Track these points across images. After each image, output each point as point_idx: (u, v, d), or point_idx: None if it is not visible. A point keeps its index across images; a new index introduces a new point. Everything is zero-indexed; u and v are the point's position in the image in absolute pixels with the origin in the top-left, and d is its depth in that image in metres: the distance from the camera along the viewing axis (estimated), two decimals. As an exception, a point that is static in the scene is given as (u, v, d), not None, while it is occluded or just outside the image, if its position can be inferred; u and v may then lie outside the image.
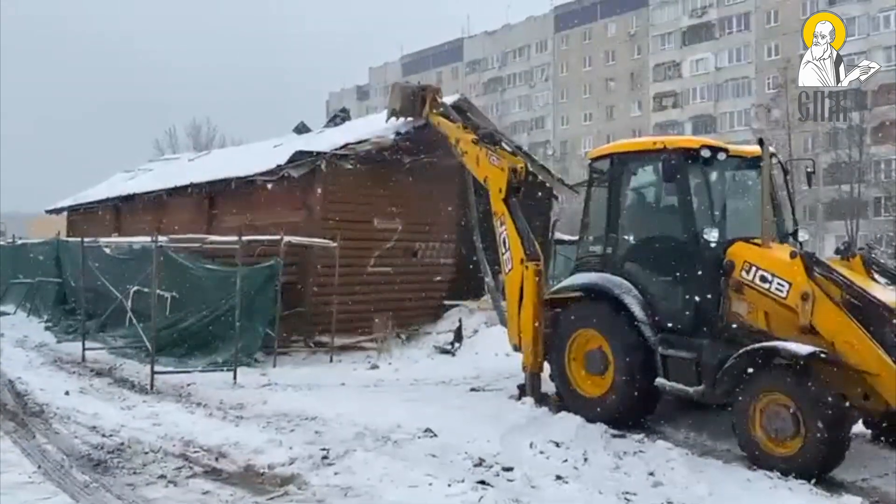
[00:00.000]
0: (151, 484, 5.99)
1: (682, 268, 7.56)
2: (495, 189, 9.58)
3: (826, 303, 6.46)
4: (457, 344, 12.66)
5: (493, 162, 9.80)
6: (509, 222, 9.30)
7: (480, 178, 10.12)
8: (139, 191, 17.97)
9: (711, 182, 7.74)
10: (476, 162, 10.20)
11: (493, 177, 9.68)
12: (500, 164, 9.63)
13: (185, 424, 7.85)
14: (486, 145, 10.23)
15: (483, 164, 9.99)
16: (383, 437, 7.24)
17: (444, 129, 11.39)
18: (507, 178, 9.40)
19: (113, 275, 13.33)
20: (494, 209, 9.63)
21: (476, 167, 10.24)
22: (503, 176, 9.47)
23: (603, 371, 7.95)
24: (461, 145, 10.73)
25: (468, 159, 10.50)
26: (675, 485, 5.96)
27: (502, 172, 9.49)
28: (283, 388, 9.97)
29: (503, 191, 9.43)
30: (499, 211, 9.51)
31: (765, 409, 6.37)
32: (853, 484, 6.10)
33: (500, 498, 5.49)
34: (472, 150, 10.34)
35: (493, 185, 9.66)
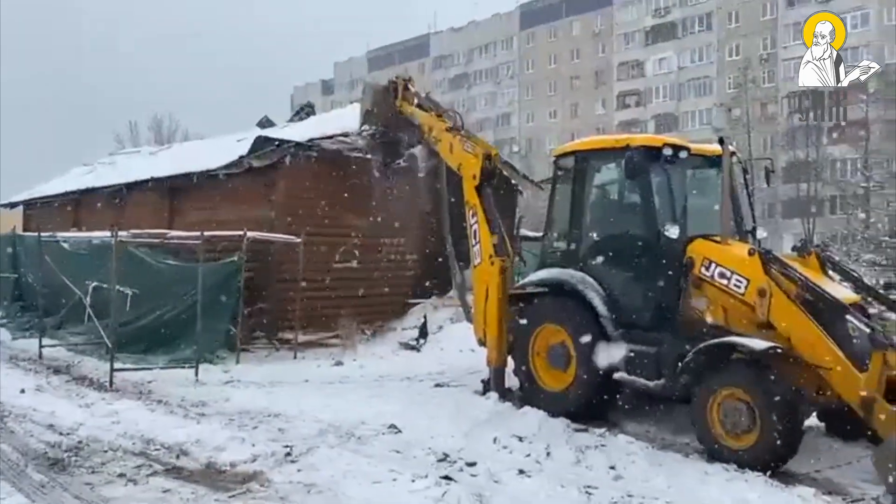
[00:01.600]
0: (110, 483, 5.90)
1: (643, 264, 7.69)
2: (469, 176, 9.47)
3: (782, 299, 6.61)
4: (422, 340, 12.68)
5: (466, 149, 9.67)
6: (481, 215, 9.25)
7: (454, 165, 9.98)
8: (99, 185, 17.63)
9: (673, 180, 7.85)
10: (450, 149, 10.05)
11: (467, 164, 9.56)
12: (473, 150, 9.53)
13: (146, 422, 7.73)
14: (459, 133, 10.11)
15: (457, 151, 9.85)
16: (347, 433, 7.23)
17: (417, 118, 11.28)
18: (480, 165, 9.31)
19: (71, 270, 13.04)
20: (467, 199, 9.54)
21: (449, 155, 10.09)
22: (477, 162, 9.36)
23: (565, 366, 8.04)
24: (434, 133, 10.55)
25: (442, 148, 10.35)
26: (635, 478, 6.06)
27: (476, 159, 9.39)
28: (246, 385, 9.90)
29: (477, 177, 9.33)
30: (471, 201, 9.43)
31: (722, 402, 6.50)
32: (806, 475, 6.25)
33: (463, 493, 5.52)
34: (445, 138, 10.19)
35: (466, 173, 9.54)
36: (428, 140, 10.91)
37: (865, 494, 5.81)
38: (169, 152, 20.41)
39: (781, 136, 48.69)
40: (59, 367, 11.20)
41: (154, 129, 57.14)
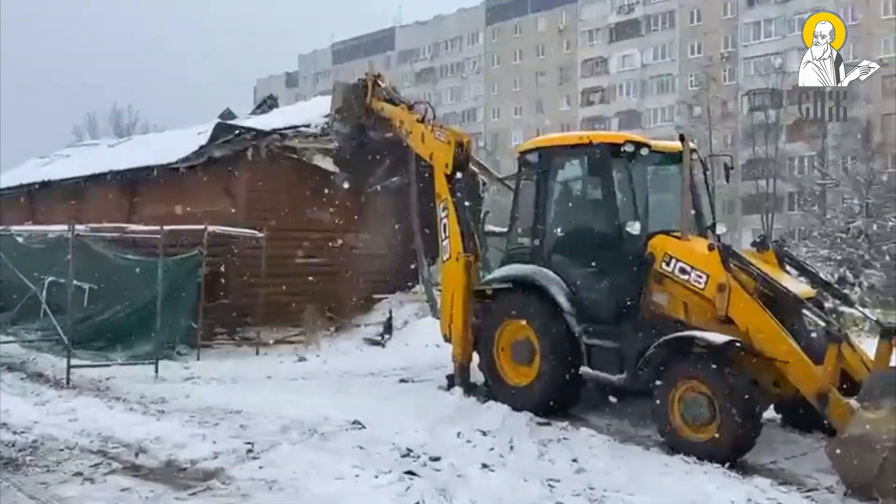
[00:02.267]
0: (66, 482, 5.78)
1: (605, 260, 7.77)
2: (441, 165, 9.37)
3: (741, 294, 6.73)
4: (387, 335, 12.64)
5: (438, 137, 9.57)
6: (451, 209, 9.18)
7: (426, 155, 9.87)
8: (55, 178, 17.26)
9: (634, 176, 7.93)
10: (421, 139, 9.92)
11: (439, 152, 9.45)
12: (445, 138, 9.45)
13: (104, 420, 7.60)
14: (431, 122, 10.03)
15: (428, 140, 9.74)
16: (310, 429, 7.18)
17: (388, 112, 11.20)
18: (452, 153, 9.22)
19: (26, 265, 12.73)
20: (438, 192, 9.46)
21: (421, 145, 9.97)
22: (449, 150, 9.27)
23: (529, 361, 8.08)
24: (406, 126, 10.43)
25: (413, 139, 10.21)
26: (597, 471, 6.12)
27: (448, 146, 9.30)
28: (207, 381, 9.79)
29: (449, 165, 9.24)
30: (443, 195, 9.35)
31: (683, 396, 6.60)
32: (763, 467, 6.38)
33: (426, 488, 5.51)
34: (416, 129, 10.07)
35: (438, 162, 9.44)
36: (399, 133, 10.81)
37: (820, 485, 5.94)
38: (128, 145, 20.04)
39: (741, 133, 49.55)
40: (14, 365, 10.93)
41: (113, 121, 56.21)
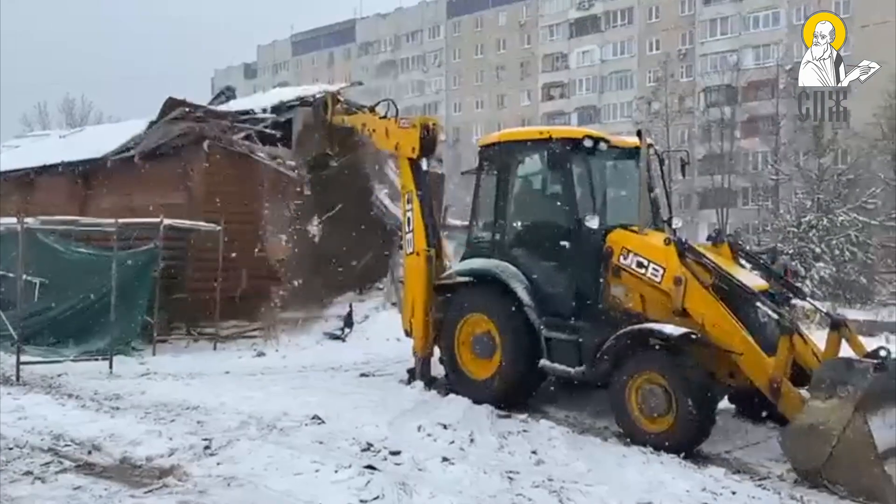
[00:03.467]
0: (16, 481, 5.61)
1: (564, 253, 7.82)
2: (407, 150, 9.23)
3: (697, 287, 6.85)
4: (347, 330, 12.57)
5: (402, 125, 9.48)
6: (416, 202, 9.13)
7: (391, 147, 9.77)
8: (3, 169, 16.71)
9: (593, 171, 8.02)
10: (385, 134, 9.80)
11: (404, 139, 9.32)
12: (410, 124, 9.37)
13: (55, 417, 7.43)
14: (394, 117, 9.92)
15: (392, 132, 9.61)
16: (269, 425, 7.10)
17: (350, 121, 11.16)
18: (418, 135, 9.11)
19: (-27, 259, 12.36)
20: (403, 183, 9.38)
21: (385, 139, 9.85)
22: (415, 133, 9.15)
23: (490, 354, 8.11)
24: (369, 125, 10.35)
25: (378, 137, 10.11)
26: (557, 462, 6.18)
27: (414, 130, 9.19)
28: (164, 377, 9.63)
29: (416, 150, 9.12)
30: (408, 186, 9.27)
31: (640, 387, 6.70)
32: (718, 456, 6.52)
33: (386, 482, 5.51)
34: (379, 126, 9.98)
35: (404, 149, 9.30)
36: (365, 137, 10.79)
37: (771, 473, 6.09)
38: (81, 135, 19.52)
39: (698, 129, 50.33)
40: (-40, 361, 10.61)
41: (65, 111, 54.59)
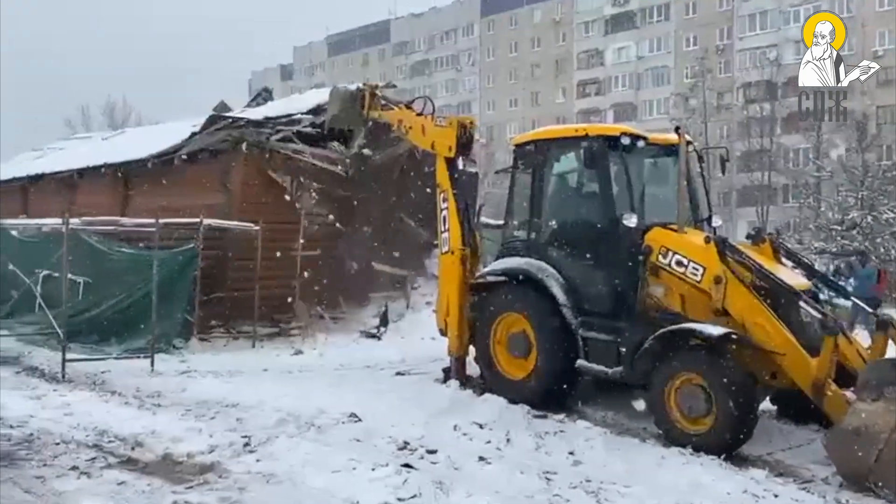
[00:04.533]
0: (63, 476, 5.75)
1: (602, 252, 7.76)
2: (444, 149, 9.24)
3: (737, 286, 6.74)
4: (383, 328, 12.64)
5: (439, 124, 9.50)
6: (451, 201, 9.13)
7: (428, 145, 9.74)
8: (49, 171, 17.17)
9: (630, 169, 7.94)
10: (422, 131, 9.79)
11: (441, 137, 9.33)
12: (447, 123, 9.39)
13: (100, 413, 7.58)
14: (430, 115, 9.92)
15: (429, 130, 9.62)
16: (307, 422, 7.17)
17: (387, 117, 11.18)
18: (455, 134, 9.10)
19: (20, 258, 12.73)
20: (439, 181, 9.38)
21: (422, 137, 9.84)
22: (451, 132, 9.15)
23: (526, 354, 8.08)
24: (405, 123, 10.33)
25: (414, 134, 10.09)
26: (594, 463, 6.13)
27: (450, 128, 9.20)
28: (204, 374, 9.77)
29: (453, 148, 9.12)
30: (443, 185, 9.27)
31: (679, 388, 6.62)
32: (759, 458, 6.41)
33: (423, 480, 5.52)
34: (416, 123, 9.96)
35: (440, 147, 9.32)
36: (400, 133, 10.77)
37: (815, 476, 5.96)
38: (122, 137, 19.98)
39: (736, 125, 49.54)
40: (8, 359, 10.88)
41: (107, 113, 55.81)
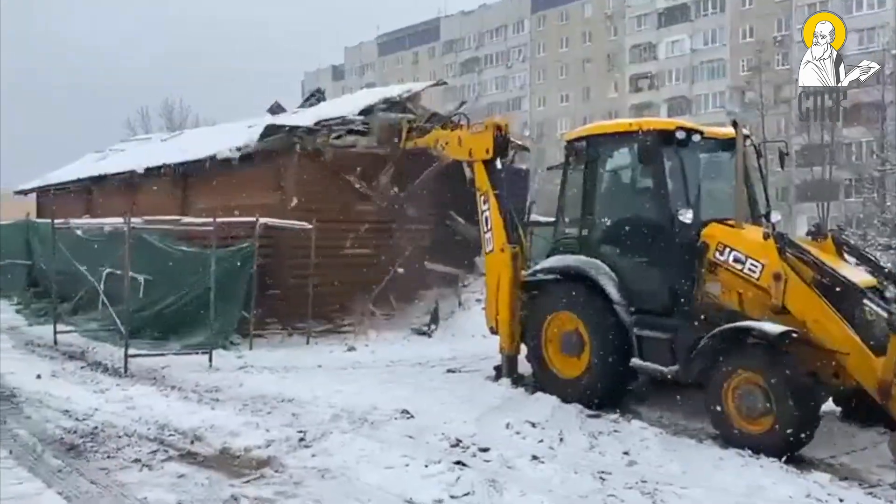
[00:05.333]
0: (126, 468, 5.94)
1: (656, 249, 7.63)
2: (481, 152, 9.37)
3: (798, 283, 6.55)
4: (433, 326, 12.68)
5: (474, 131, 9.65)
6: (493, 201, 9.22)
7: (465, 154, 9.92)
8: (111, 171, 17.69)
9: (686, 164, 7.78)
10: (458, 143, 10.01)
11: (477, 143, 9.47)
12: (482, 128, 9.53)
13: (160, 408, 7.80)
14: (466, 124, 10.18)
15: (465, 139, 9.80)
16: (360, 418, 7.25)
17: (422, 143, 11.49)
18: (492, 136, 9.26)
19: (84, 257, 13.11)
20: (478, 185, 9.48)
21: (458, 149, 10.05)
22: (488, 135, 9.31)
23: (579, 352, 8.00)
24: (441, 140, 10.61)
25: (451, 148, 10.33)
26: (650, 463, 6.04)
27: (486, 132, 9.34)
28: (260, 370, 9.96)
29: (490, 150, 9.25)
30: (482, 188, 9.39)
31: (737, 387, 6.47)
32: (822, 461, 6.22)
33: (476, 478, 5.53)
34: (452, 137, 10.21)
35: (478, 152, 9.45)
36: (438, 152, 11.07)
37: (882, 480, 5.77)
38: (180, 139, 20.44)
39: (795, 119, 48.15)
40: (74, 353, 11.29)
41: (165, 115, 57.20)
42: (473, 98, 69.08)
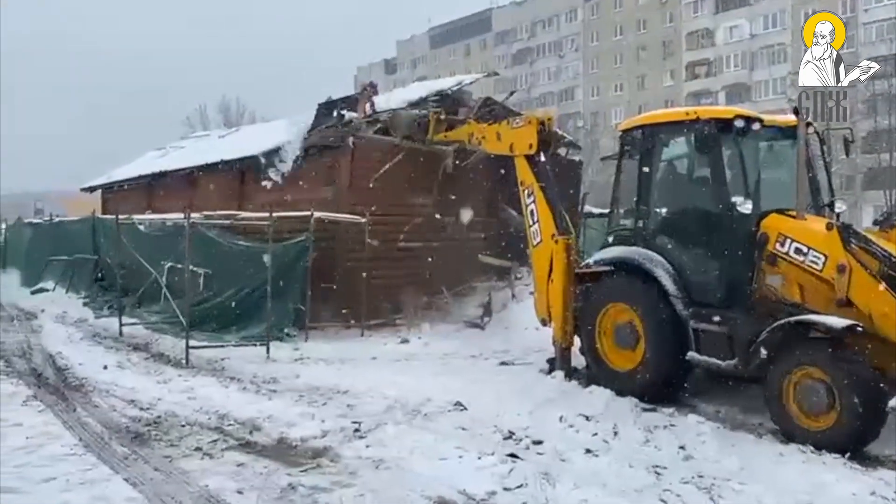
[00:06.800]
0: (188, 456, 6.13)
1: (714, 240, 7.48)
2: (524, 147, 9.31)
3: (863, 275, 6.35)
4: (486, 318, 12.66)
5: (516, 125, 9.58)
6: (538, 193, 9.17)
7: (505, 149, 9.84)
8: (171, 168, 18.14)
9: (745, 153, 7.64)
10: (497, 138, 9.94)
11: (519, 138, 9.40)
12: (524, 122, 9.45)
13: (220, 398, 8.01)
14: (505, 117, 10.11)
15: (505, 134, 9.72)
16: (414, 410, 7.31)
17: (454, 136, 11.32)
18: (535, 130, 9.20)
19: (147, 251, 13.52)
20: (521, 179, 9.45)
21: (498, 143, 9.97)
22: (532, 129, 9.25)
23: (634, 345, 7.91)
24: (477, 135, 10.47)
25: (489, 143, 10.23)
26: (707, 458, 5.93)
27: (530, 126, 9.28)
28: (315, 362, 10.13)
29: (534, 145, 9.20)
30: (526, 181, 9.36)
31: (799, 383, 6.30)
32: (889, 458, 6.00)
33: (529, 471, 5.52)
34: (489, 132, 10.11)
35: (520, 147, 9.39)
36: (473, 146, 10.87)
37: (952, 479, 5.54)
38: (237, 135, 20.83)
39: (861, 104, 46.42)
40: (139, 345, 11.67)
41: (223, 111, 58.41)
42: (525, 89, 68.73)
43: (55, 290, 18.45)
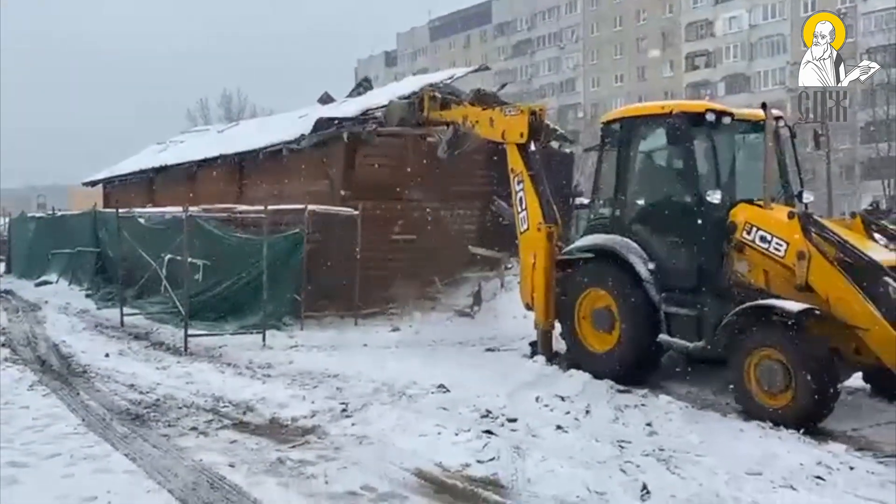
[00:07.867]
0: (184, 435, 6.51)
1: (686, 229, 7.80)
2: (515, 135, 9.50)
3: (821, 261, 6.68)
4: (476, 307, 12.99)
5: (508, 113, 9.77)
6: (527, 182, 9.42)
7: (497, 135, 9.98)
8: (171, 162, 18.51)
9: (717, 146, 7.91)
10: (490, 124, 10.08)
11: (511, 126, 9.58)
12: (516, 111, 9.68)
13: (216, 382, 8.40)
14: (498, 106, 10.28)
15: (498, 121, 9.87)
16: (399, 392, 7.69)
17: (448, 116, 11.26)
18: (527, 121, 9.38)
19: (148, 244, 13.82)
20: (511, 166, 9.67)
21: (490, 129, 10.12)
22: (523, 119, 9.43)
23: (610, 328, 8.27)
24: (471, 118, 10.58)
25: (482, 127, 10.38)
26: (670, 434, 6.28)
27: (522, 116, 9.49)
28: (309, 349, 10.48)
29: (525, 134, 9.39)
30: (516, 168, 9.59)
31: (759, 363, 6.65)
32: (843, 433, 6.36)
33: (502, 445, 5.88)
34: (483, 116, 10.26)
35: (512, 135, 9.58)
36: (465, 129, 10.88)
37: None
38: (236, 129, 21.17)
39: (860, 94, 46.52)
40: (139, 334, 12.06)
41: (224, 105, 58.71)
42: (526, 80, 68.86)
43: (58, 283, 18.84)
